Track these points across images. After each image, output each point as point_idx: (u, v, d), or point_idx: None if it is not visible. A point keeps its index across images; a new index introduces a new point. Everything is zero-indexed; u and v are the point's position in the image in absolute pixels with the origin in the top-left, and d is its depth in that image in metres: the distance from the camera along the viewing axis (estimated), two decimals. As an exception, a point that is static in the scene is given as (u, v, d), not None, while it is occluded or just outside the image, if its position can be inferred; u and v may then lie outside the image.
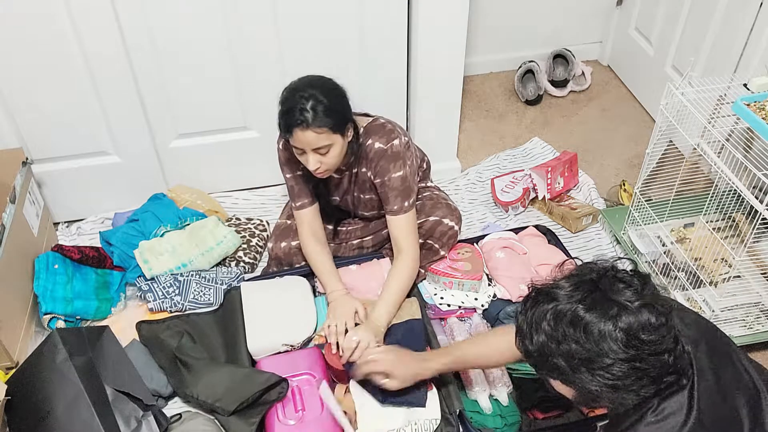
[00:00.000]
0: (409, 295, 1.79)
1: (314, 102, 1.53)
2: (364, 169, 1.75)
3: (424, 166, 1.96)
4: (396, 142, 1.69)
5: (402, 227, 1.73)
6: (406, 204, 1.72)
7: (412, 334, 1.68)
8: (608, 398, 1.02)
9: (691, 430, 1.03)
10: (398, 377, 1.47)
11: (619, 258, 1.08)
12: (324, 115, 1.53)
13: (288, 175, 1.79)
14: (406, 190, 1.71)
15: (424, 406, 1.56)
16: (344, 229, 1.98)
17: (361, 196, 1.85)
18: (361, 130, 1.71)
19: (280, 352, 1.72)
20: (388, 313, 1.67)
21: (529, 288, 1.09)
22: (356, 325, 1.66)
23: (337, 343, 1.62)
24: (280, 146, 1.78)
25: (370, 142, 1.69)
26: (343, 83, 2.11)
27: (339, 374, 1.66)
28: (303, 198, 1.79)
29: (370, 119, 1.73)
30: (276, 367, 1.64)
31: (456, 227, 1.89)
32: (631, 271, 1.04)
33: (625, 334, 0.96)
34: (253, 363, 1.70)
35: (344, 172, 1.77)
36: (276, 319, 1.73)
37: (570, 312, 1.00)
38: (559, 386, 1.07)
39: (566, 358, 1.00)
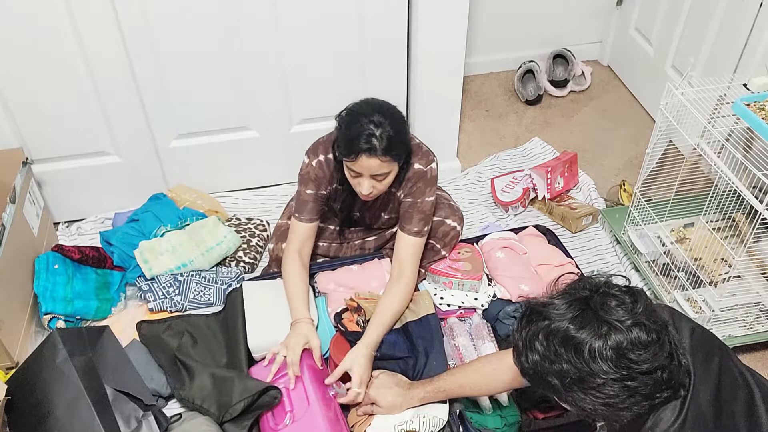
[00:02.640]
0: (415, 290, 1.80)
1: (383, 130, 1.52)
2: (394, 189, 1.74)
3: None
4: (433, 165, 1.70)
5: (412, 249, 1.72)
6: (425, 229, 1.72)
7: (429, 330, 1.70)
8: (603, 415, 1.03)
9: None
10: (384, 406, 1.52)
11: (613, 275, 1.08)
12: (391, 145, 1.53)
13: (309, 191, 1.72)
14: (429, 216, 1.72)
15: None
16: (348, 228, 1.98)
17: (383, 214, 1.86)
18: None
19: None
20: (380, 336, 1.65)
21: (523, 306, 1.10)
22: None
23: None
24: (313, 164, 1.71)
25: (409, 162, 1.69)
26: (343, 83, 2.13)
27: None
28: (311, 215, 1.75)
29: None
30: (266, 373, 1.62)
31: (458, 228, 1.89)
32: (623, 286, 1.05)
33: (614, 354, 0.97)
34: (252, 363, 1.70)
35: None
36: (276, 318, 1.73)
37: (561, 331, 1.00)
38: (558, 401, 1.08)
39: (559, 378, 1.01)
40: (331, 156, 1.69)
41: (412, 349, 1.67)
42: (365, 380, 1.56)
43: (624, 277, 1.09)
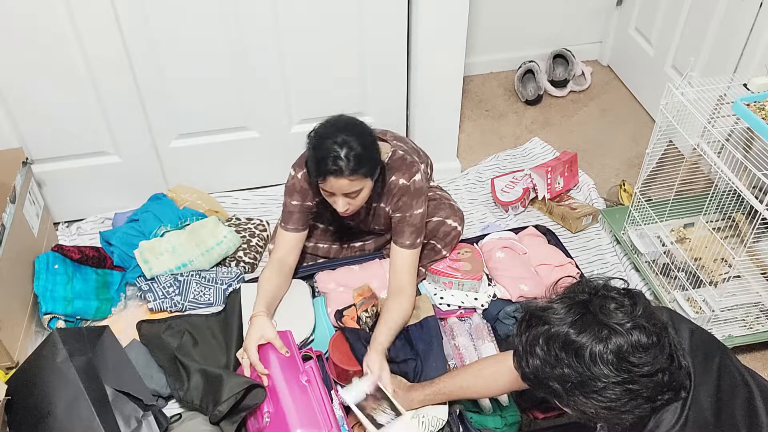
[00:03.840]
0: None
1: (347, 150, 1.51)
2: (383, 204, 1.74)
3: (429, 171, 1.95)
4: (417, 177, 1.69)
5: (407, 262, 1.72)
6: (418, 240, 1.72)
7: (428, 333, 1.70)
8: (605, 418, 1.03)
9: None
10: None
11: (611, 278, 1.08)
12: (358, 164, 1.53)
13: (294, 203, 1.73)
14: (421, 227, 1.72)
15: None
16: (346, 233, 1.98)
17: (375, 227, 1.86)
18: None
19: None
20: (389, 340, 1.64)
21: (522, 310, 1.10)
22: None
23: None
24: (298, 176, 1.71)
25: (393, 178, 1.69)
26: (343, 83, 2.13)
27: (340, 373, 1.67)
28: (297, 224, 1.75)
29: (389, 152, 1.70)
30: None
31: (459, 228, 1.89)
32: (622, 289, 1.05)
33: (615, 357, 0.97)
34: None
35: (363, 206, 1.74)
36: (274, 320, 1.73)
37: (561, 335, 1.00)
38: (559, 405, 1.08)
39: (560, 382, 1.01)
40: None
41: (412, 352, 1.67)
42: (381, 373, 1.54)
43: (622, 279, 1.09)
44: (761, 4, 2.02)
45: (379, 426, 1.50)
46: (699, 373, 1.08)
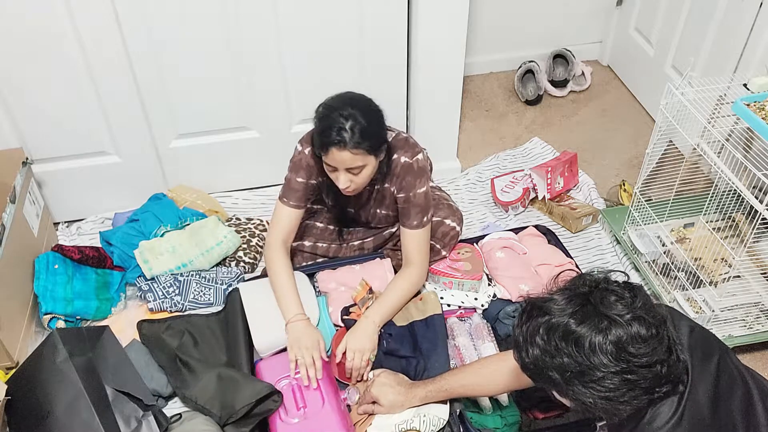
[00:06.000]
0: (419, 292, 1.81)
1: (353, 122, 1.51)
2: (387, 185, 1.74)
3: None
4: (420, 156, 1.69)
5: (417, 242, 1.73)
6: (425, 219, 1.72)
7: (434, 331, 1.70)
8: (603, 409, 1.04)
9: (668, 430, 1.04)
10: (385, 405, 1.52)
11: (611, 270, 1.09)
12: (362, 137, 1.52)
13: (300, 180, 1.73)
14: (426, 206, 1.72)
15: None
16: (347, 229, 1.98)
17: (379, 211, 1.86)
18: None
19: (282, 349, 1.71)
20: (383, 314, 1.67)
21: (523, 302, 1.11)
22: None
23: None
24: (305, 152, 1.71)
25: (395, 156, 1.69)
26: (344, 83, 2.13)
27: (343, 372, 1.67)
28: (299, 201, 1.75)
29: (393, 134, 1.70)
30: (274, 366, 1.65)
31: (458, 228, 1.89)
32: (623, 282, 1.06)
33: (614, 347, 0.98)
34: (254, 364, 1.70)
35: (366, 188, 1.75)
36: (279, 317, 1.73)
37: (562, 326, 1.02)
38: (558, 395, 1.09)
39: (559, 372, 1.02)
40: None
41: (415, 350, 1.67)
42: (359, 348, 1.59)
43: (623, 272, 1.10)
44: (761, 4, 2.02)
45: None
46: (697, 369, 1.09)
